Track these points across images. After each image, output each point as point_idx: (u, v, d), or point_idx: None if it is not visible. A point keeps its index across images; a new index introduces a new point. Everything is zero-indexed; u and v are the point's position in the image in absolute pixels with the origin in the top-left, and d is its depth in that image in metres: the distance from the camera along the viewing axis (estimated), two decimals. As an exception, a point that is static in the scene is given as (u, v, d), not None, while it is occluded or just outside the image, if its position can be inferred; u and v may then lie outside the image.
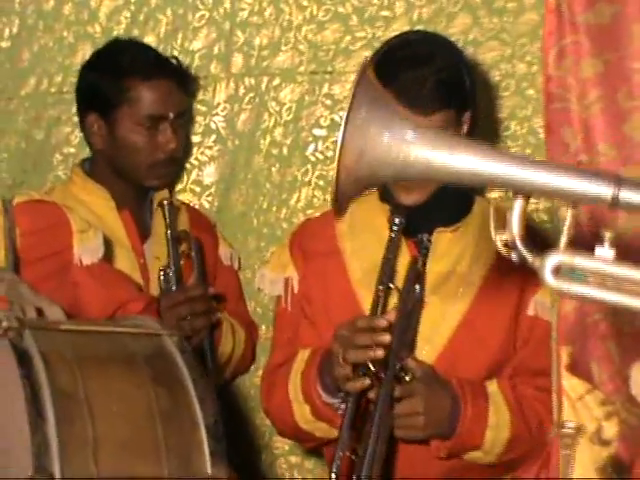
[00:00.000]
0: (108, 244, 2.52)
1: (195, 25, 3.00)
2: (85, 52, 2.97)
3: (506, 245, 1.28)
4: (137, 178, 2.69)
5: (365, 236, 2.39)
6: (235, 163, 3.03)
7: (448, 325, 2.31)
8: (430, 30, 2.77)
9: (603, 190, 1.25)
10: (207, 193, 3.05)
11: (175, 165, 2.76)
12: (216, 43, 3.02)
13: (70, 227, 2.36)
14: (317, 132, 3.00)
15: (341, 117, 2.93)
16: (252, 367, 2.93)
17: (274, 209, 3.03)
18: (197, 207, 2.99)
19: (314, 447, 2.53)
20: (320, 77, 2.98)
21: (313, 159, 3.02)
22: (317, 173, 3.02)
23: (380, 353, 2.11)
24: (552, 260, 1.25)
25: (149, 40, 2.94)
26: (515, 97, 2.89)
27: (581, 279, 1.26)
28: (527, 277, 2.09)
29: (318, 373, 2.25)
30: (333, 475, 2.13)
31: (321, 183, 3.01)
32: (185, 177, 3.04)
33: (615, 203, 1.25)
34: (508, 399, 2.28)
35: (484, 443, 2.23)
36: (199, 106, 3.02)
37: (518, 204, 1.29)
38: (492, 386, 2.29)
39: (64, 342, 1.83)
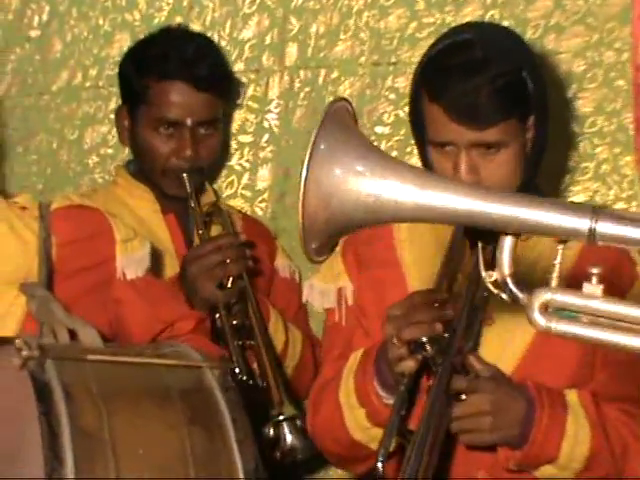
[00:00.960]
0: (155, 254, 2.46)
1: (245, 12, 2.96)
2: (123, 42, 2.97)
3: (496, 284, 1.30)
4: (156, 184, 2.66)
5: (426, 245, 2.30)
6: (290, 165, 2.98)
7: (519, 343, 2.19)
8: (506, 16, 2.68)
9: (580, 223, 1.26)
10: (260, 199, 3.01)
11: (199, 175, 2.65)
12: (268, 32, 2.98)
13: (113, 236, 2.29)
14: (380, 130, 2.92)
15: (406, 113, 2.91)
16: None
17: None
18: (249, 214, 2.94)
19: (367, 472, 2.40)
20: (383, 68, 2.91)
21: None
22: None
23: (439, 327, 2.01)
24: (540, 298, 1.27)
25: (194, 29, 2.90)
26: (602, 89, 2.76)
27: (572, 317, 1.28)
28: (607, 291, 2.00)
29: (375, 369, 2.13)
30: (379, 464, 2.01)
31: None
32: (235, 181, 3.00)
33: (592, 236, 1.27)
34: (589, 412, 2.14)
35: (560, 456, 2.08)
36: (250, 103, 2.98)
37: (507, 242, 1.30)
38: (572, 396, 2.16)
39: (91, 374, 1.80)
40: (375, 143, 2.84)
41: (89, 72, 3.02)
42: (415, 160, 2.94)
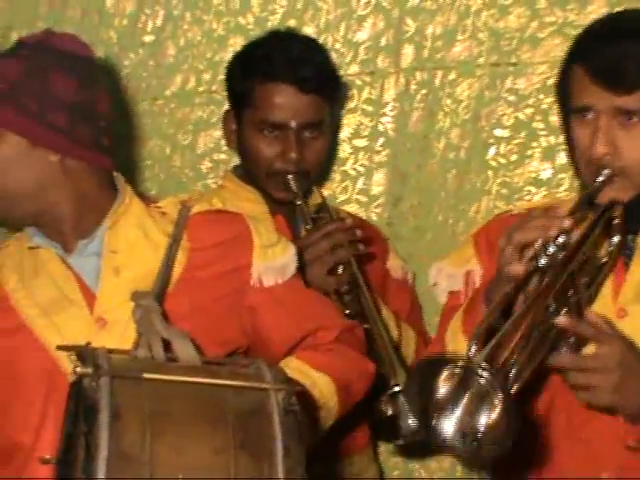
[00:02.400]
0: (301, 260, 2.42)
1: (360, 13, 2.98)
2: (236, 46, 2.96)
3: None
4: (261, 187, 2.68)
5: None
6: (406, 169, 3.02)
7: None
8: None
9: None
10: (375, 204, 3.04)
11: (305, 179, 2.65)
12: (384, 33, 3.00)
13: (251, 242, 2.25)
14: (499, 133, 2.93)
15: (526, 115, 2.87)
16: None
17: (450, 221, 3.00)
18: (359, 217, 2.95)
19: None
20: (502, 69, 2.91)
21: (494, 164, 2.96)
22: (499, 180, 2.95)
23: (553, 232, 1.92)
24: None
25: (308, 31, 2.94)
26: None
27: None
28: None
29: (484, 297, 2.08)
30: (473, 348, 1.91)
31: (504, 192, 2.94)
32: (350, 186, 3.02)
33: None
34: None
35: None
36: (365, 106, 2.99)
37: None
38: None
39: (146, 393, 1.75)
40: (494, 146, 2.92)
41: (202, 76, 3.05)
42: (535, 164, 2.95)
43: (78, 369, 1.72)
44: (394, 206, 3.03)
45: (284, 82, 2.58)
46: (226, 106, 2.91)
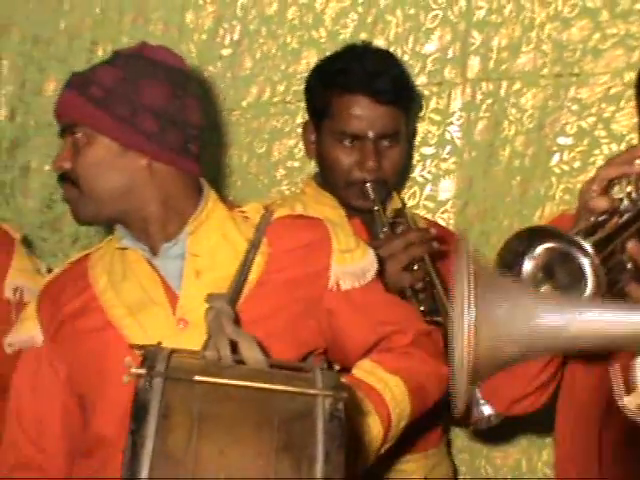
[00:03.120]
0: (381, 263, 2.43)
1: (428, 26, 3.02)
2: (310, 58, 3.03)
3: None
4: (339, 196, 2.71)
5: None
6: (472, 176, 3.04)
7: None
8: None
9: None
10: (442, 210, 3.06)
11: (383, 187, 2.67)
12: (451, 45, 3.03)
13: (331, 246, 2.26)
14: (562, 141, 2.95)
15: (589, 124, 2.89)
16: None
17: (515, 226, 2.95)
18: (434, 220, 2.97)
19: None
20: (565, 80, 2.93)
21: (558, 171, 2.96)
22: (562, 187, 2.95)
23: (638, 167, 1.87)
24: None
25: (378, 44, 2.95)
26: None
27: None
28: None
29: None
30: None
31: (567, 198, 2.92)
32: (418, 192, 3.04)
33: None
34: None
35: None
36: (432, 115, 3.02)
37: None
38: None
39: (196, 396, 1.76)
40: (557, 154, 2.93)
41: (277, 88, 3.10)
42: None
43: (133, 370, 1.74)
44: (461, 212, 3.04)
45: (361, 94, 2.60)
46: (300, 116, 3.01)
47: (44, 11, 3.15)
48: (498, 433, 2.62)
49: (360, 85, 2.60)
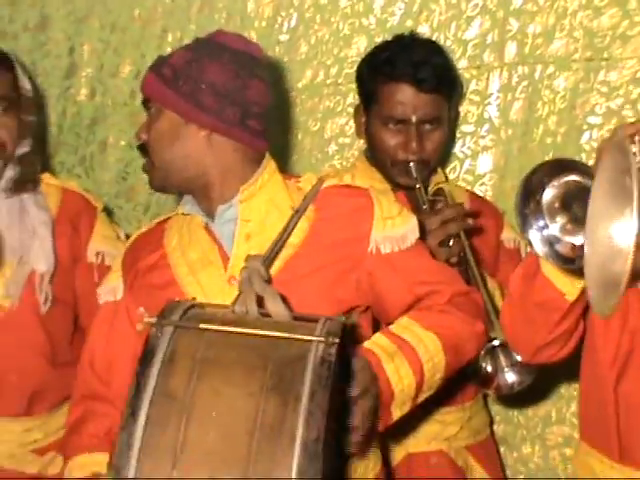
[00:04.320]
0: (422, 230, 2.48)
1: (469, 14, 3.08)
2: (359, 44, 3.14)
3: None
4: (385, 174, 2.77)
5: None
6: (508, 152, 3.10)
7: None
8: None
9: None
10: (480, 182, 3.13)
11: (425, 166, 2.75)
12: (489, 32, 3.09)
13: (373, 213, 2.32)
14: (592, 120, 3.01)
15: (617, 105, 2.97)
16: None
17: None
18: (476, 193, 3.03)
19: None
20: (595, 64, 2.99)
21: (588, 148, 3.02)
22: (591, 162, 2.91)
23: None
24: None
25: (423, 30, 3.06)
26: None
27: None
28: None
29: None
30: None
31: None
32: (458, 167, 3.11)
33: None
34: None
35: None
36: (472, 96, 3.09)
37: None
38: None
39: (202, 343, 1.80)
40: (587, 132, 2.99)
41: (330, 71, 3.19)
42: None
43: (145, 319, 1.79)
44: (497, 185, 3.11)
45: (405, 82, 2.67)
46: (350, 97, 3.09)
47: (120, 2, 3.28)
48: (530, 387, 2.63)
49: (405, 74, 2.67)
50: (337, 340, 1.75)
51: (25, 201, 2.73)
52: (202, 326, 1.79)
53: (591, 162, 2.89)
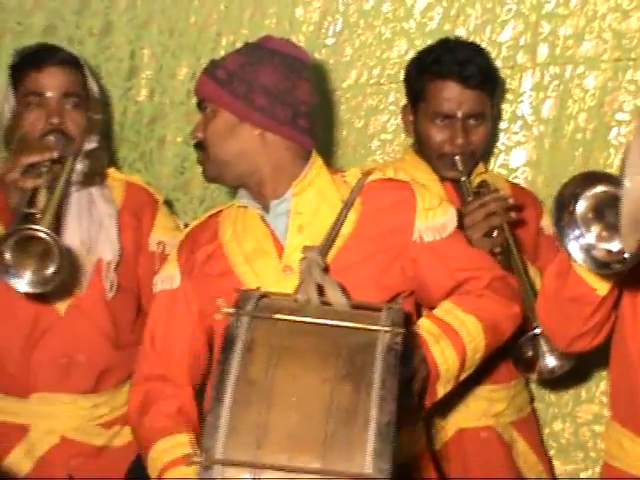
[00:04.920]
0: (460, 219, 2.53)
1: (503, 18, 3.16)
2: (400, 46, 3.23)
3: None
4: (432, 167, 2.83)
5: None
6: (540, 148, 3.18)
7: None
8: None
9: None
10: (513, 176, 3.19)
11: (470, 159, 2.80)
12: (522, 34, 3.16)
13: (415, 205, 2.36)
14: (620, 116, 3.08)
15: None
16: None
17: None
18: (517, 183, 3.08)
19: None
20: (623, 64, 3.06)
21: (616, 143, 3.09)
22: (619, 156, 3.06)
23: None
24: None
25: (460, 33, 3.15)
26: None
27: None
28: None
29: None
30: None
31: None
32: (492, 161, 3.17)
33: None
34: None
35: None
36: (506, 94, 3.15)
37: None
38: None
39: (277, 331, 1.84)
40: (615, 128, 3.07)
41: (372, 71, 3.26)
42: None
43: (224, 309, 1.83)
44: (530, 178, 3.17)
45: (451, 80, 2.73)
46: (392, 95, 3.19)
47: (177, 8, 3.34)
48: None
49: (451, 72, 2.73)
50: (402, 330, 1.80)
51: (93, 194, 2.80)
52: (277, 316, 1.83)
53: (619, 157, 3.06)
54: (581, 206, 1.88)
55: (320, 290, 1.98)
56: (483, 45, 3.08)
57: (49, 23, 3.40)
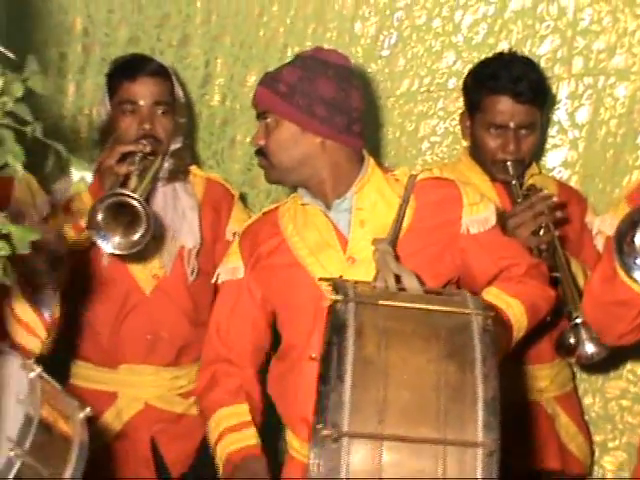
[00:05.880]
0: (500, 215, 2.58)
1: (542, 33, 3.29)
2: (449, 58, 3.36)
3: None
4: (486, 170, 2.95)
5: None
6: (575, 150, 3.31)
7: None
8: None
9: None
10: (549, 175, 3.29)
11: (521, 164, 2.91)
12: (559, 48, 3.29)
13: (461, 200, 2.42)
14: None
15: None
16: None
17: (608, 189, 3.27)
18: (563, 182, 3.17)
19: None
20: None
21: None
22: None
23: None
24: None
25: (503, 47, 3.25)
26: None
27: None
28: None
29: None
30: None
31: None
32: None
33: None
34: None
35: None
36: None
37: None
38: None
39: (382, 316, 1.87)
40: None
41: (423, 80, 3.38)
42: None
43: (332, 296, 1.89)
44: (565, 178, 3.28)
45: (505, 95, 2.85)
46: (440, 102, 3.33)
47: (248, 23, 3.47)
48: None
49: (505, 88, 2.85)
50: (493, 313, 1.89)
51: (177, 189, 2.94)
52: (381, 302, 1.89)
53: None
54: (639, 238, 1.94)
55: (397, 278, 2.04)
56: (522, 58, 3.16)
57: (133, 35, 3.54)
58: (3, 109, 1.33)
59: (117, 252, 2.61)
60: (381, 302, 1.88)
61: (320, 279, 2.18)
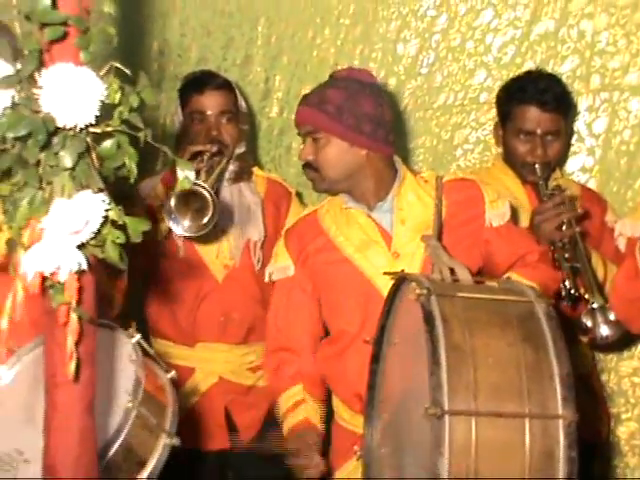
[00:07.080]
0: (514, 210, 2.76)
1: (563, 54, 3.50)
2: (480, 75, 3.56)
3: None
4: (516, 172, 3.13)
5: None
6: (592, 157, 3.50)
7: None
8: None
9: None
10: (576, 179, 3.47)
11: (547, 167, 3.07)
12: (579, 67, 3.48)
13: (483, 198, 2.57)
14: None
15: None
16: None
17: (621, 191, 3.46)
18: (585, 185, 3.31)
19: None
20: None
21: None
22: None
23: None
24: None
25: (529, 65, 3.46)
26: None
27: None
28: None
29: None
30: None
31: None
32: None
33: None
34: None
35: None
36: None
37: None
38: None
39: (459, 306, 1.94)
40: None
41: (458, 95, 3.56)
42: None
43: (417, 291, 1.94)
44: (583, 182, 3.44)
45: (532, 104, 3.01)
46: (472, 114, 3.54)
47: (302, 44, 3.68)
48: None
49: (532, 98, 3.01)
50: (552, 301, 2.00)
51: (242, 188, 3.12)
52: (459, 294, 1.98)
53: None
54: None
55: (450, 270, 2.15)
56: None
57: (202, 55, 3.76)
58: (120, 117, 1.44)
59: (187, 234, 2.73)
60: (459, 294, 1.98)
61: (385, 273, 2.28)
